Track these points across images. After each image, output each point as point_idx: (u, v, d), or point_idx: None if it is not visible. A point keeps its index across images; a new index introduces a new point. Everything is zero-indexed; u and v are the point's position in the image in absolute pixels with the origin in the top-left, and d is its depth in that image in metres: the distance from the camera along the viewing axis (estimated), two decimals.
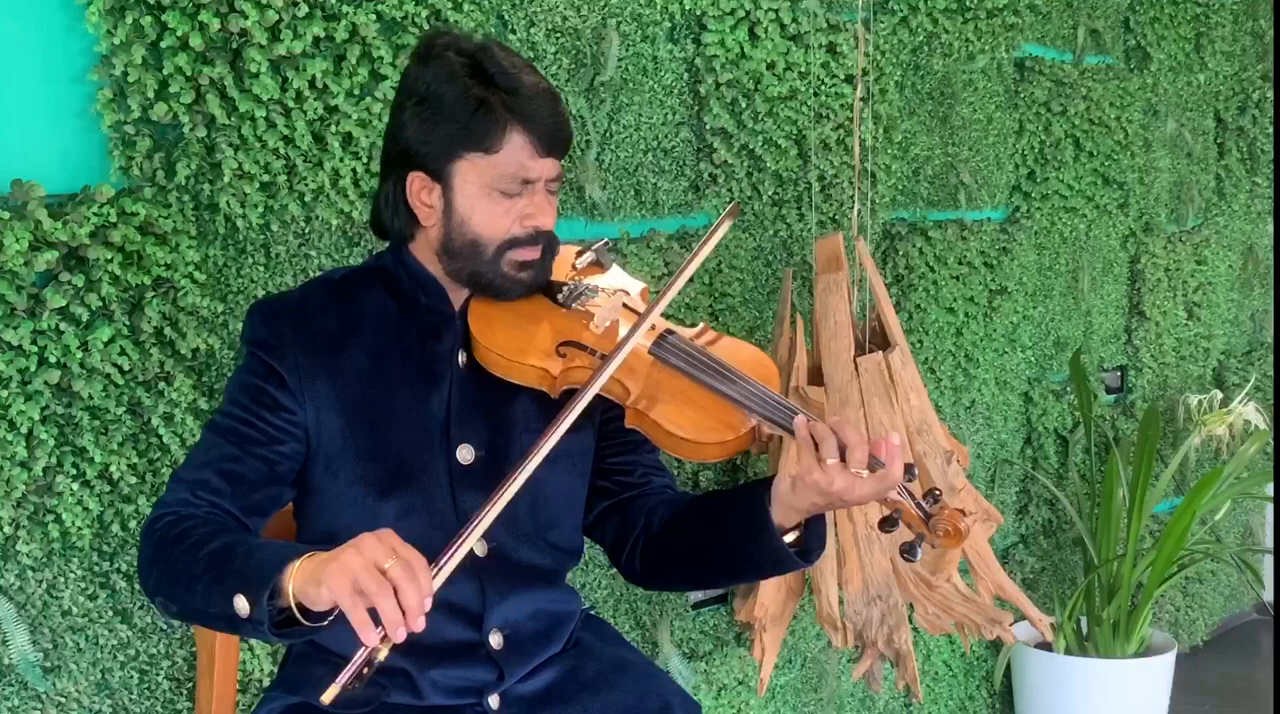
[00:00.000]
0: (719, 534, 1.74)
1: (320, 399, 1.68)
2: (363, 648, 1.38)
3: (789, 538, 1.70)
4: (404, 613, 1.36)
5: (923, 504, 1.62)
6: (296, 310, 1.72)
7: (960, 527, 1.59)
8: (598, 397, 1.65)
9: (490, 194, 1.68)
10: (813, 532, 1.71)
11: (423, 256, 1.74)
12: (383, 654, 1.39)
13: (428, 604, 1.38)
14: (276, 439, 1.67)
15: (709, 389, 1.68)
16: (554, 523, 1.78)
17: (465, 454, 1.72)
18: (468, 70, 1.66)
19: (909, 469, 1.63)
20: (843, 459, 1.58)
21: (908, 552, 1.63)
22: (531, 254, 1.71)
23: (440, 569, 1.45)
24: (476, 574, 1.71)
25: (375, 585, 1.36)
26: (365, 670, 1.39)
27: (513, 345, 1.70)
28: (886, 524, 1.63)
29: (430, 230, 1.72)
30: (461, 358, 1.74)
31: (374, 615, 1.37)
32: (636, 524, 1.83)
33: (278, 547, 1.52)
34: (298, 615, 1.44)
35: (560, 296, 1.76)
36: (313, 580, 1.40)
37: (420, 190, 1.70)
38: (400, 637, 1.37)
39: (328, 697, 1.39)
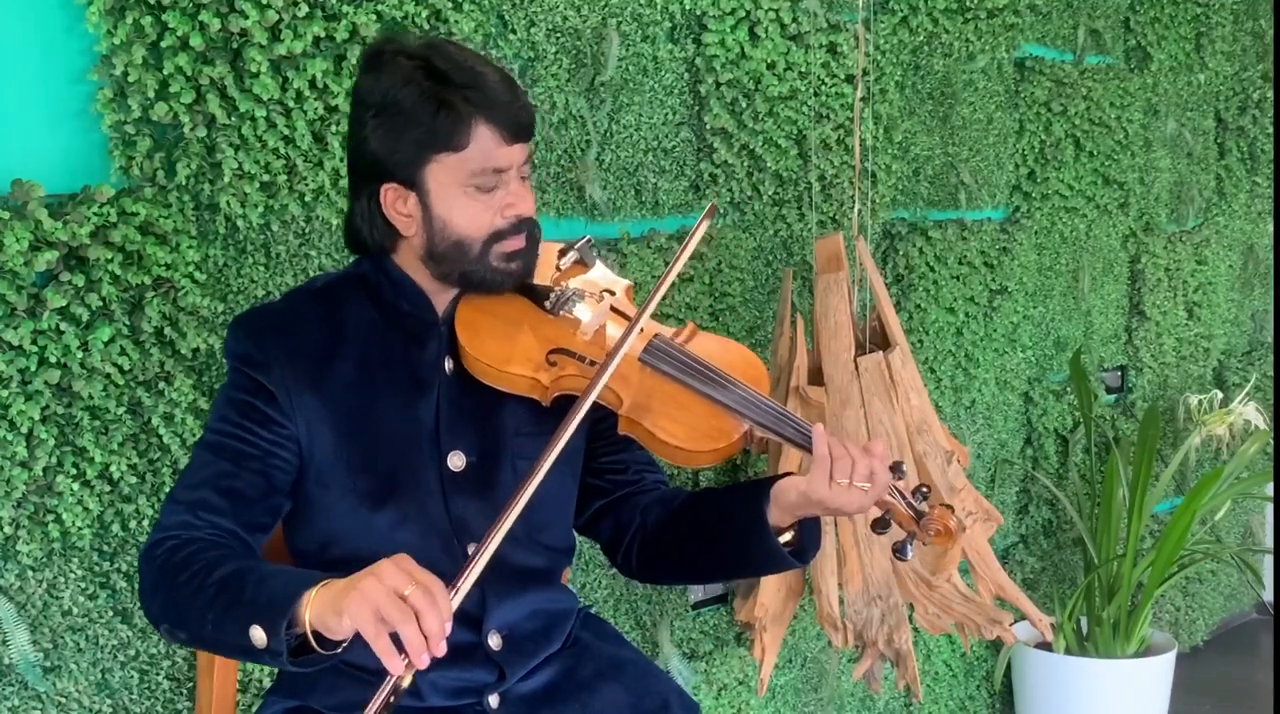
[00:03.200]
0: (715, 535, 1.75)
1: (309, 412, 1.67)
2: (389, 677, 1.38)
3: (784, 538, 1.71)
4: (426, 638, 1.35)
5: (913, 503, 1.62)
6: (280, 323, 1.70)
7: (950, 525, 1.59)
8: (592, 405, 1.65)
9: (466, 191, 1.66)
10: (807, 532, 1.72)
11: (406, 264, 1.73)
12: (407, 680, 1.38)
13: (448, 628, 1.37)
14: (271, 452, 1.65)
15: (701, 395, 1.67)
16: (547, 524, 1.78)
17: (456, 461, 1.71)
18: (422, 72, 1.63)
19: (897, 467, 1.63)
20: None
21: (899, 551, 1.63)
22: (517, 244, 1.70)
23: (457, 591, 1.44)
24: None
25: (398, 613, 1.35)
26: (392, 699, 1.38)
27: (501, 355, 1.68)
28: (879, 525, 1.64)
29: (412, 239, 1.70)
30: (448, 365, 1.73)
31: (396, 643, 1.36)
32: (631, 522, 1.83)
33: (289, 575, 1.50)
34: (313, 644, 1.44)
35: (547, 303, 1.75)
36: (333, 610, 1.39)
37: (395, 201, 1.67)
38: (424, 663, 1.36)
39: None
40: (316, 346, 1.69)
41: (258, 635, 1.43)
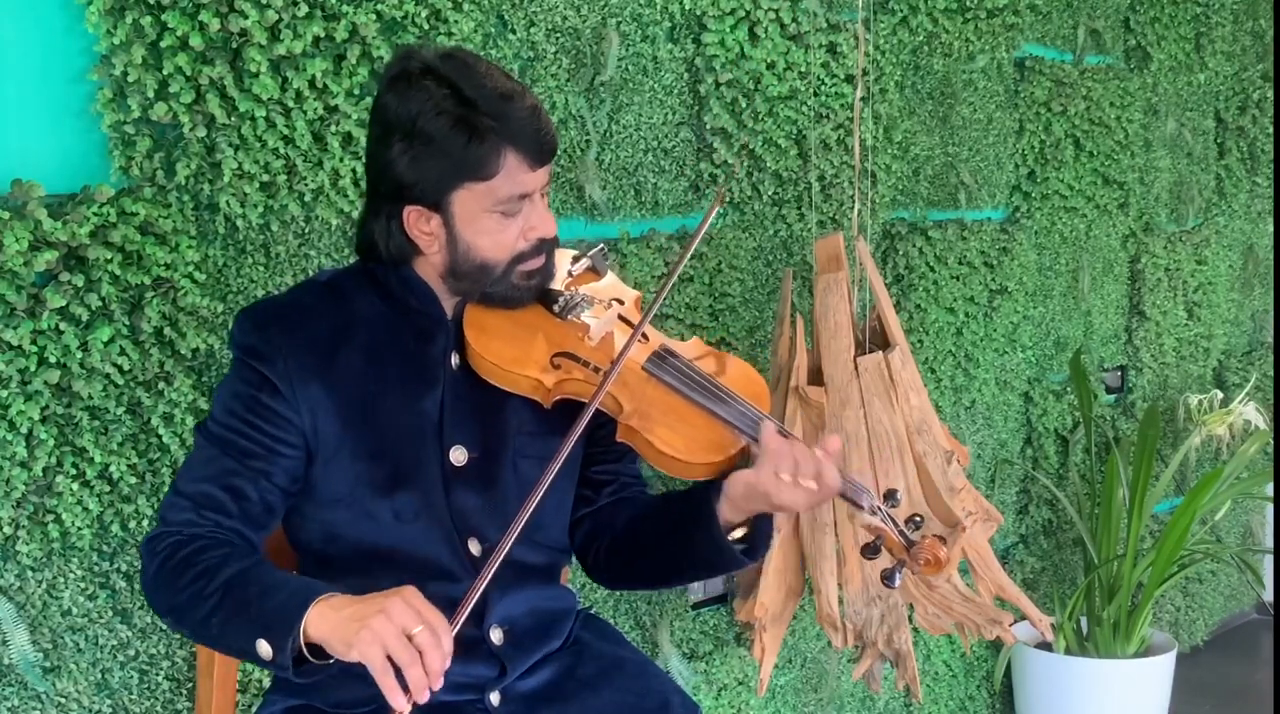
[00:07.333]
0: (668, 529, 1.77)
1: (314, 402, 1.67)
2: (391, 711, 1.44)
3: (736, 534, 1.72)
4: (428, 676, 1.42)
5: (905, 531, 1.64)
6: (286, 314, 1.71)
7: (940, 555, 1.62)
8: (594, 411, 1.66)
9: (492, 217, 1.67)
10: (759, 530, 1.75)
11: (422, 272, 1.74)
12: (406, 712, 1.44)
13: (448, 664, 1.44)
14: (273, 450, 1.66)
15: (701, 409, 1.69)
16: (542, 525, 1.78)
17: (458, 455, 1.72)
18: (451, 100, 1.62)
19: (891, 495, 1.66)
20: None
21: (887, 579, 1.65)
22: (538, 263, 1.72)
23: (455, 627, 1.49)
24: (475, 571, 1.71)
25: (407, 656, 1.42)
26: None
27: (507, 355, 1.70)
28: (869, 550, 1.66)
29: (432, 256, 1.71)
30: (454, 360, 1.74)
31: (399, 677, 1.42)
32: (603, 529, 1.86)
33: (293, 586, 1.54)
34: (308, 656, 1.50)
35: (556, 307, 1.76)
36: (341, 640, 1.45)
37: (418, 221, 1.68)
38: (424, 699, 1.42)
39: None
40: (323, 337, 1.69)
41: (264, 649, 1.50)
